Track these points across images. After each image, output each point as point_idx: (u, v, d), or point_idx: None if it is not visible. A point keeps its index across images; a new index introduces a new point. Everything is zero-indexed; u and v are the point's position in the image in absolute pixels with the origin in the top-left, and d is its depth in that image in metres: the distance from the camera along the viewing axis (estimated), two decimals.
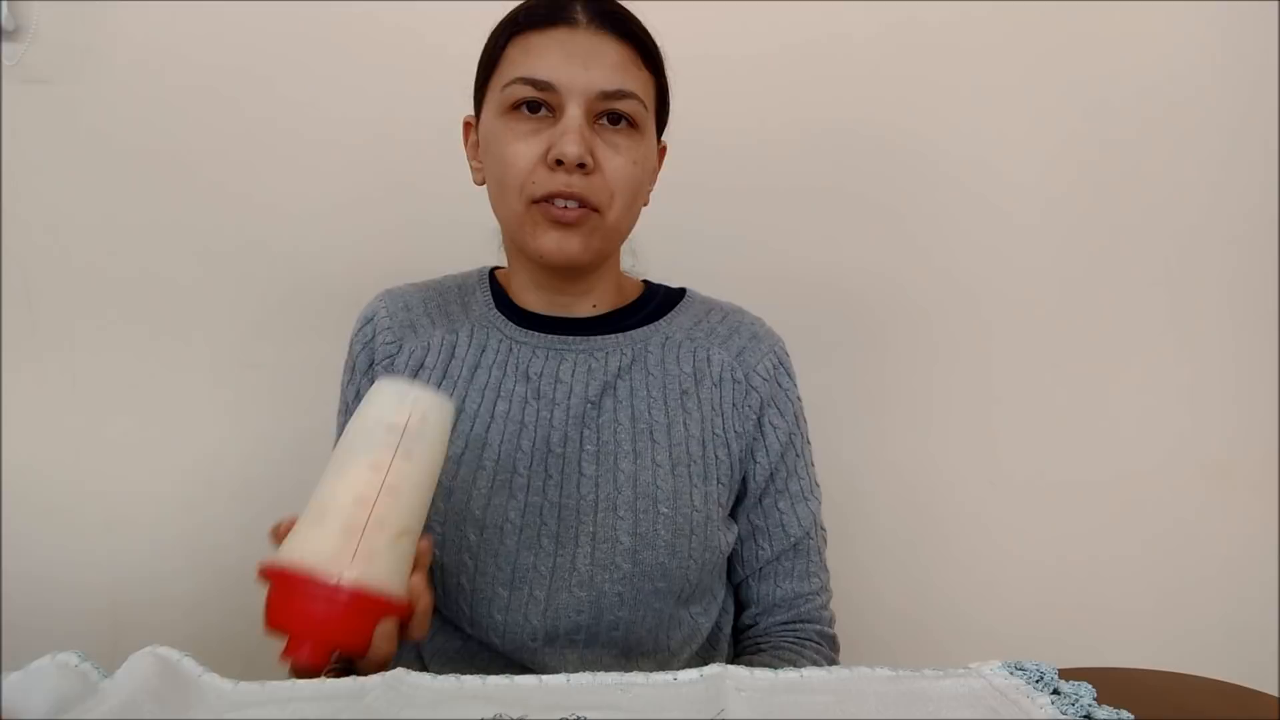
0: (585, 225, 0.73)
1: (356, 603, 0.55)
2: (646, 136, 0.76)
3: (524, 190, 0.72)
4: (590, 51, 0.72)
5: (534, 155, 0.71)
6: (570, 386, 0.78)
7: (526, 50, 0.72)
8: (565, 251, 0.73)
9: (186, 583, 1.23)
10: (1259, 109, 1.30)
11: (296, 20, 1.16)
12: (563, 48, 0.71)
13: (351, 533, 0.56)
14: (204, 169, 1.18)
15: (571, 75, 0.71)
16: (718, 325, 0.84)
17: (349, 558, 0.55)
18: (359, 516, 0.57)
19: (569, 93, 0.71)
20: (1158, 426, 1.34)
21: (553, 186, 0.71)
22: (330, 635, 0.55)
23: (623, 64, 0.73)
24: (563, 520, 0.75)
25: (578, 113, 0.71)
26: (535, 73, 0.71)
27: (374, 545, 0.57)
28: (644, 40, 0.75)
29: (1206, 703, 0.59)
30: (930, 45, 1.25)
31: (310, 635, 0.54)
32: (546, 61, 0.71)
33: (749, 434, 0.80)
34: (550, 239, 0.73)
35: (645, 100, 0.74)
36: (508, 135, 0.73)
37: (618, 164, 0.73)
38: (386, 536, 0.57)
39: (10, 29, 1.11)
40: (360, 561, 0.56)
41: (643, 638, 0.76)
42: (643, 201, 0.80)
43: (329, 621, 0.55)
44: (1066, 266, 1.31)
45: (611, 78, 0.71)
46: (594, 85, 0.71)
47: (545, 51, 0.72)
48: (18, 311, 1.18)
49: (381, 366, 0.82)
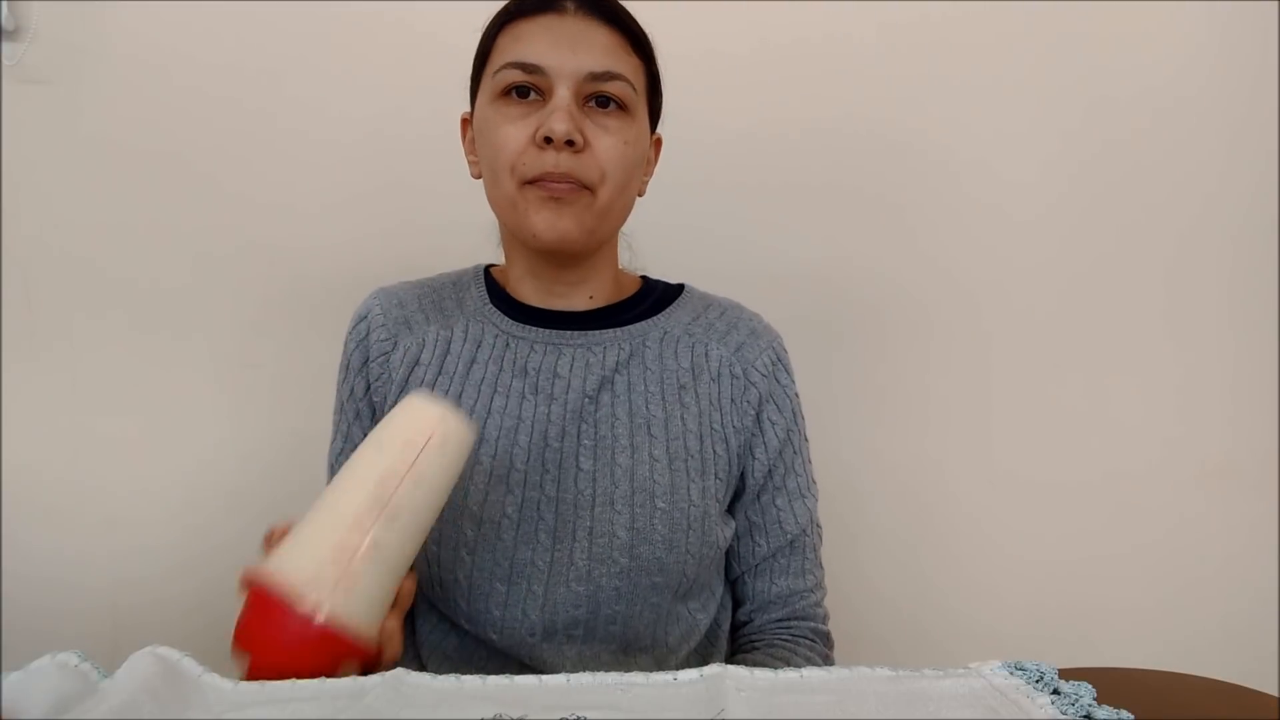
0: (578, 203, 0.73)
1: (325, 641, 0.55)
2: (637, 120, 0.76)
3: (515, 171, 0.73)
4: (578, 36, 0.73)
5: (524, 137, 0.72)
6: (568, 381, 0.78)
7: (516, 37, 0.74)
8: (558, 229, 0.73)
9: (186, 583, 1.23)
10: (1259, 109, 1.30)
11: (296, 20, 1.16)
12: (551, 33, 0.73)
13: (340, 558, 0.55)
14: (203, 169, 1.18)
15: (560, 58, 0.72)
16: (716, 321, 0.84)
17: (330, 585, 0.55)
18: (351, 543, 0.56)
19: (558, 75, 0.72)
20: (1157, 426, 1.34)
21: (543, 167, 0.71)
22: (292, 666, 0.54)
23: (611, 48, 0.74)
24: (560, 515, 0.75)
25: (566, 94, 0.72)
26: (524, 57, 0.72)
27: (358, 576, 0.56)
28: (632, 28, 0.77)
29: (1206, 703, 0.59)
30: (930, 43, 1.25)
31: (272, 664, 0.54)
32: (535, 46, 0.72)
33: (747, 430, 0.81)
34: (542, 217, 0.73)
35: (635, 84, 0.75)
36: (499, 119, 0.73)
37: (608, 143, 0.73)
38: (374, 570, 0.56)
39: (10, 29, 1.11)
40: (341, 592, 0.55)
41: (640, 633, 0.76)
42: (637, 189, 0.80)
43: (293, 653, 0.54)
44: (1067, 265, 1.31)
45: (600, 60, 0.73)
46: (582, 67, 0.72)
47: (534, 37, 0.73)
48: (18, 311, 1.18)
49: (376, 364, 0.82)
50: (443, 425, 0.60)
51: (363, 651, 0.57)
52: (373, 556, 0.56)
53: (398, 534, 0.58)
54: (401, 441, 0.59)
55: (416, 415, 0.61)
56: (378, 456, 0.59)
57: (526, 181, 0.72)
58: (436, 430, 0.59)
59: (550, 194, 0.72)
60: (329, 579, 0.55)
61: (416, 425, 0.59)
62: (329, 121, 1.19)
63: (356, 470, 0.59)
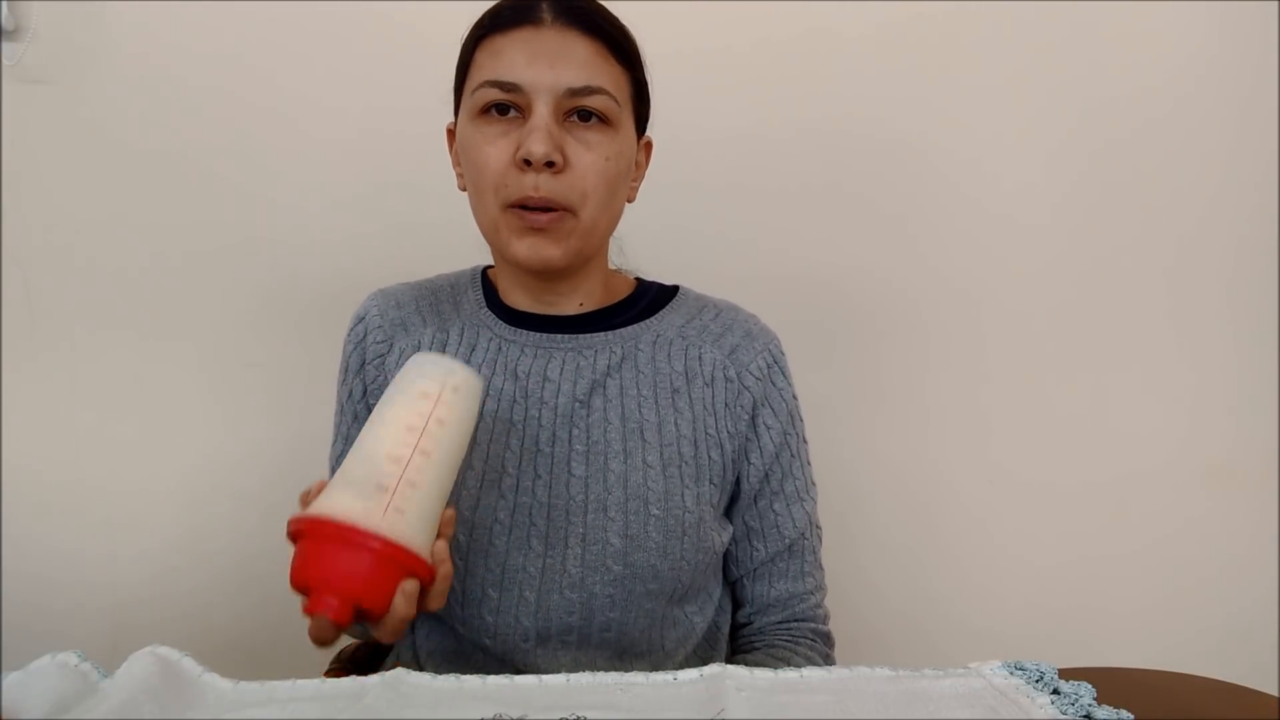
0: (560, 229, 0.73)
1: (386, 552, 0.56)
2: (621, 131, 0.74)
3: (498, 193, 0.72)
4: (556, 49, 0.71)
5: (505, 157, 0.71)
6: (558, 385, 0.78)
7: (493, 53, 0.72)
8: (541, 257, 0.73)
9: (186, 583, 1.23)
10: (1259, 109, 1.30)
11: (296, 20, 1.16)
12: (528, 47, 0.71)
13: (384, 490, 0.57)
14: (204, 169, 1.18)
15: (537, 75, 0.70)
16: (710, 323, 0.83)
17: (381, 512, 0.56)
18: (393, 474, 0.58)
19: (536, 92, 0.70)
20: (1157, 427, 1.34)
21: (524, 190, 0.71)
22: (357, 586, 0.55)
23: (591, 60, 0.71)
24: (552, 521, 0.75)
25: (545, 111, 0.70)
26: (501, 75, 0.71)
27: (405, 503, 0.58)
28: (614, 34, 0.73)
29: (1206, 703, 0.59)
30: (927, 44, 1.24)
31: (337, 586, 0.55)
32: (512, 63, 0.71)
33: (742, 434, 0.80)
34: (525, 245, 0.73)
35: (617, 95, 0.73)
36: (479, 139, 0.72)
37: (589, 160, 0.71)
38: (417, 497, 0.58)
39: (10, 29, 1.11)
40: (392, 516, 0.57)
41: (636, 638, 0.76)
42: (625, 198, 0.78)
43: (357, 572, 0.55)
44: (1067, 265, 1.31)
45: (579, 74, 0.70)
46: (561, 83, 0.70)
47: (511, 53, 0.71)
48: (18, 311, 1.18)
49: (373, 366, 0.81)
50: (451, 377, 0.62)
51: (423, 566, 0.58)
52: (415, 484, 0.58)
53: (434, 468, 0.60)
54: (418, 392, 0.61)
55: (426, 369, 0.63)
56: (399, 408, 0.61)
57: (510, 204, 0.72)
58: (447, 380, 0.62)
59: (531, 225, 0.72)
60: (379, 505, 0.57)
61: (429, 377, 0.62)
62: (332, 123, 1.19)
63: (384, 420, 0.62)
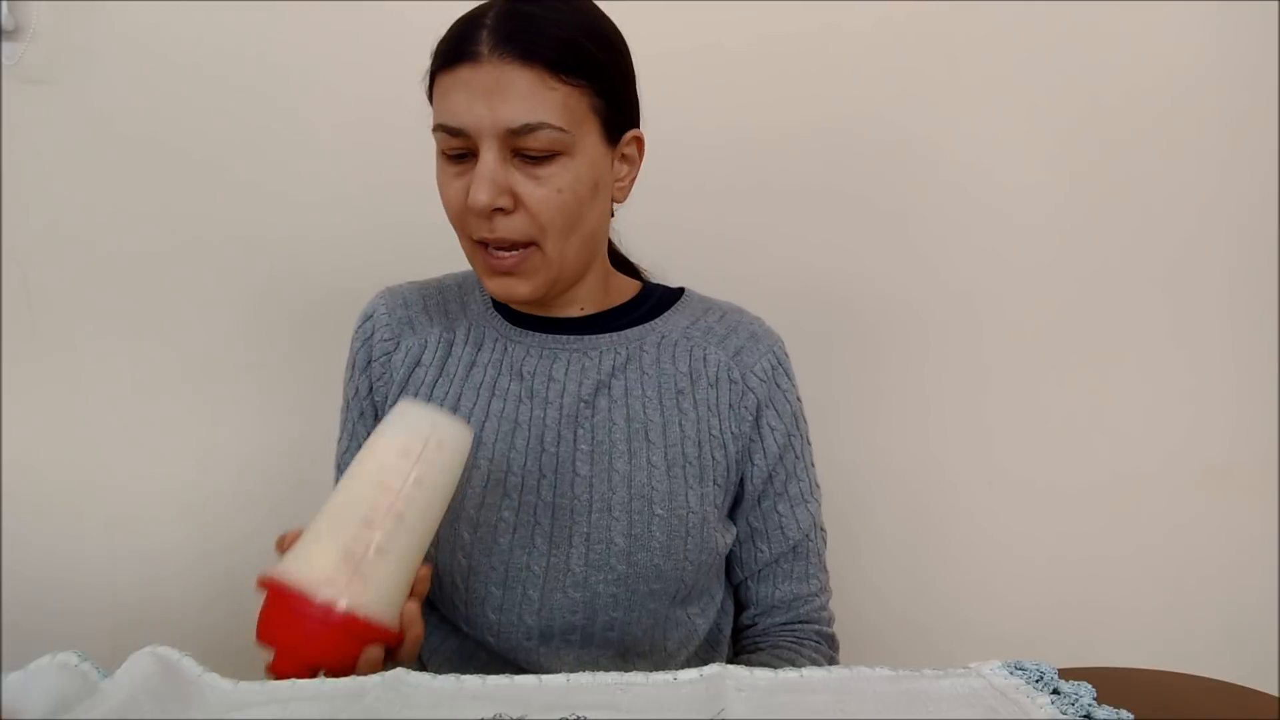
0: (527, 266, 0.73)
1: (346, 626, 0.56)
2: (577, 155, 0.71)
3: (464, 230, 0.73)
4: (493, 87, 0.67)
5: (462, 199, 0.71)
6: (563, 385, 0.78)
7: (442, 93, 0.71)
8: (515, 295, 0.74)
9: (186, 583, 1.23)
10: (1259, 109, 1.30)
11: (296, 20, 1.16)
12: (468, 89, 0.68)
13: (352, 556, 0.57)
14: (204, 169, 1.18)
15: (477, 117, 0.68)
16: (715, 324, 0.83)
17: (345, 581, 0.56)
18: (363, 540, 0.57)
19: (479, 135, 0.68)
20: (1157, 427, 1.34)
21: (482, 233, 0.72)
22: (316, 656, 0.56)
23: (531, 92, 0.68)
24: (556, 520, 0.75)
25: (490, 156, 0.68)
26: (447, 119, 0.70)
27: (373, 571, 0.57)
28: (560, 50, 0.68)
29: (1206, 703, 0.59)
30: (927, 43, 1.24)
31: (296, 653, 0.56)
32: (455, 105, 0.69)
33: (746, 436, 0.80)
34: (495, 284, 0.74)
35: (563, 122, 0.69)
36: (443, 177, 0.73)
37: (540, 196, 0.70)
38: (385, 565, 0.58)
39: (10, 29, 1.11)
40: (356, 586, 0.56)
41: (639, 638, 0.76)
42: (596, 218, 0.75)
43: (316, 642, 0.56)
44: (1066, 266, 1.31)
45: (517, 111, 0.67)
46: (500, 123, 0.68)
47: (454, 94, 0.69)
48: (18, 311, 1.18)
49: (379, 364, 0.82)
50: (435, 432, 0.61)
51: (385, 634, 0.58)
52: (384, 552, 0.58)
53: (406, 532, 0.59)
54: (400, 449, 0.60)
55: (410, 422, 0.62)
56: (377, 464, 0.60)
57: (477, 241, 0.73)
58: (431, 436, 0.60)
59: (496, 267, 0.73)
60: (343, 575, 0.56)
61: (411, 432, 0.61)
62: (333, 123, 1.19)
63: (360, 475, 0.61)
